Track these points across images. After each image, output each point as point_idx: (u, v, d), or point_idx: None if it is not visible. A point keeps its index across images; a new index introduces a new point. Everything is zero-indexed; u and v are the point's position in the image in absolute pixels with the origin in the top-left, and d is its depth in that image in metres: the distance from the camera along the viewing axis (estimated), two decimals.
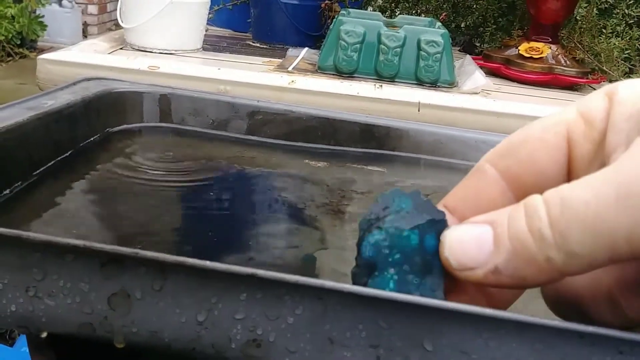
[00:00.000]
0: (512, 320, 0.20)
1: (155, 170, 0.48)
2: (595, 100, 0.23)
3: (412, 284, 0.22)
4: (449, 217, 0.23)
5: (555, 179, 0.23)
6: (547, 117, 0.24)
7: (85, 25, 3.85)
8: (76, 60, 0.78)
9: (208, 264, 0.21)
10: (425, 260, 0.22)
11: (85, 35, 3.77)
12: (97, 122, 0.49)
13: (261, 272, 0.21)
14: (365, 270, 0.22)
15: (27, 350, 0.29)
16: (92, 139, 0.48)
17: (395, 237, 0.22)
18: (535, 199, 0.20)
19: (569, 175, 0.23)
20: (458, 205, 0.24)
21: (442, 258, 0.22)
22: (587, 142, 0.22)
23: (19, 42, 3.47)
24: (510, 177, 0.23)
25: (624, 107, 0.21)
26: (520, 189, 0.23)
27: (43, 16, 3.57)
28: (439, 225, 0.22)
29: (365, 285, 0.22)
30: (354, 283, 0.22)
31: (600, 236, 0.19)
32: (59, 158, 0.44)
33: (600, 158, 0.22)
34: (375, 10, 1.31)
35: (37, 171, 0.42)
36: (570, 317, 0.23)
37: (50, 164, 0.43)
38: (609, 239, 0.18)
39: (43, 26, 3.56)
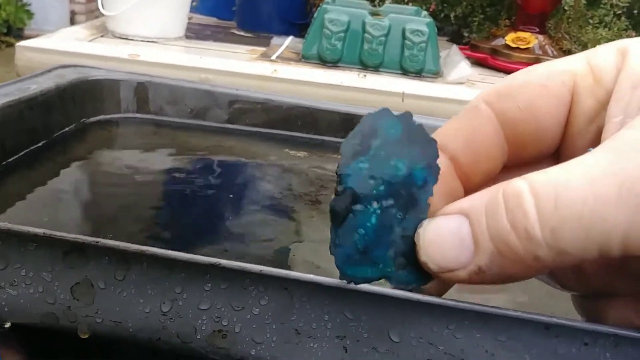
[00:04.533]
0: (476, 312, 0.19)
1: (131, 160, 0.47)
2: (606, 55, 0.21)
3: (395, 218, 0.20)
4: (440, 156, 0.21)
5: (551, 130, 0.21)
6: (553, 63, 0.22)
7: (73, 13, 3.81)
8: (55, 48, 0.77)
9: (171, 253, 0.21)
10: (411, 193, 0.20)
11: (72, 23, 3.73)
12: (73, 110, 0.48)
13: (225, 262, 0.21)
14: (345, 202, 0.20)
15: None
16: (67, 128, 0.47)
17: (381, 166, 0.20)
18: (517, 189, 0.18)
19: (566, 128, 0.21)
20: (450, 142, 0.22)
21: (420, 261, 0.20)
22: (592, 99, 0.21)
23: (5, 31, 3.43)
24: (505, 121, 0.22)
25: (631, 73, 0.20)
26: (514, 135, 0.22)
27: (30, 4, 3.53)
28: (429, 155, 0.20)
29: (344, 220, 0.20)
30: (333, 217, 0.20)
31: (594, 234, 0.17)
32: (33, 147, 0.43)
33: (600, 119, 0.20)
34: None
35: (10, 159, 0.41)
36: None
37: (24, 152, 0.42)
38: (604, 237, 0.17)
39: (30, 14, 3.52)
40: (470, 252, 0.19)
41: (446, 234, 0.20)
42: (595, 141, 0.20)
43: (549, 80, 0.21)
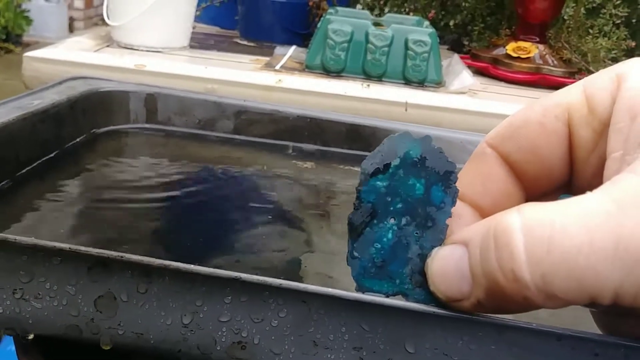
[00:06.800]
0: (491, 323, 0.20)
1: (141, 170, 0.48)
2: (602, 82, 0.20)
3: (412, 236, 0.21)
4: (460, 205, 0.21)
5: (556, 165, 0.21)
6: (549, 97, 0.21)
7: (72, 20, 3.82)
8: (62, 58, 0.78)
9: (192, 267, 0.21)
10: (429, 213, 0.21)
11: (71, 30, 3.74)
12: (83, 122, 0.49)
13: (245, 276, 0.21)
14: (363, 217, 0.21)
15: (14, 349, 0.29)
16: (78, 139, 0.48)
17: (399, 185, 0.21)
18: (507, 225, 0.18)
19: (571, 162, 0.21)
20: (466, 192, 0.22)
21: (430, 290, 0.21)
22: (589, 130, 0.20)
23: (4, 37, 3.44)
24: (512, 164, 0.22)
25: (628, 103, 0.19)
26: (522, 175, 0.22)
27: (29, 11, 3.55)
28: (448, 177, 0.21)
29: (361, 233, 0.21)
30: (351, 230, 0.21)
31: (586, 285, 0.17)
32: (45, 158, 0.44)
33: (601, 149, 0.20)
34: (363, 9, 1.32)
35: (23, 171, 0.42)
36: None
37: (36, 164, 0.43)
38: (596, 289, 0.17)
39: (29, 21, 3.53)
40: (470, 285, 0.19)
41: (449, 265, 0.20)
42: (599, 171, 0.20)
43: (544, 117, 0.21)
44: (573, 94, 0.21)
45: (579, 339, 0.20)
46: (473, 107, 0.86)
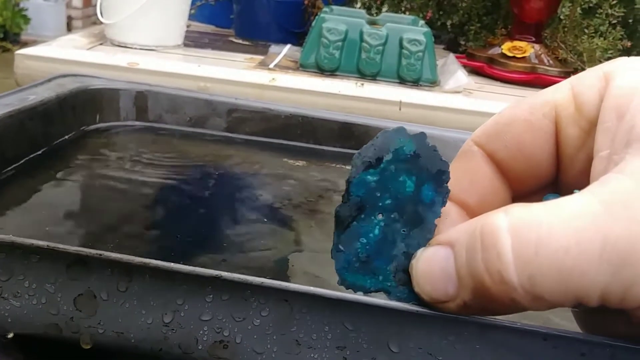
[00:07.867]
0: (476, 323, 0.20)
1: (130, 168, 0.47)
2: (590, 80, 0.20)
3: (399, 234, 0.21)
4: (447, 204, 0.21)
5: (543, 162, 0.21)
6: (537, 95, 0.21)
7: (70, 18, 3.81)
8: (54, 56, 0.78)
9: (173, 265, 0.21)
10: (418, 211, 0.21)
11: (69, 28, 3.73)
12: (73, 119, 0.49)
13: (226, 274, 0.21)
14: (351, 210, 0.21)
15: None
16: (67, 136, 0.48)
17: (390, 181, 0.20)
18: (493, 226, 0.18)
19: (558, 159, 0.21)
20: (453, 190, 0.21)
21: (415, 291, 0.20)
22: (576, 128, 0.20)
23: (2, 36, 3.43)
24: (498, 162, 0.22)
25: (615, 102, 0.19)
26: (509, 173, 0.22)
27: (27, 9, 3.54)
28: (440, 176, 0.21)
29: (348, 226, 0.21)
30: (337, 223, 0.21)
31: (573, 286, 0.17)
32: (32, 155, 0.44)
33: (588, 148, 0.20)
34: (361, 8, 1.31)
35: (10, 168, 0.41)
36: None
37: (23, 161, 0.43)
38: (582, 290, 0.17)
39: (26, 19, 3.52)
40: (455, 286, 0.19)
41: (435, 266, 0.20)
42: (586, 169, 0.20)
43: (531, 115, 0.21)
44: (561, 92, 0.21)
45: (565, 339, 0.20)
46: (468, 106, 0.86)
